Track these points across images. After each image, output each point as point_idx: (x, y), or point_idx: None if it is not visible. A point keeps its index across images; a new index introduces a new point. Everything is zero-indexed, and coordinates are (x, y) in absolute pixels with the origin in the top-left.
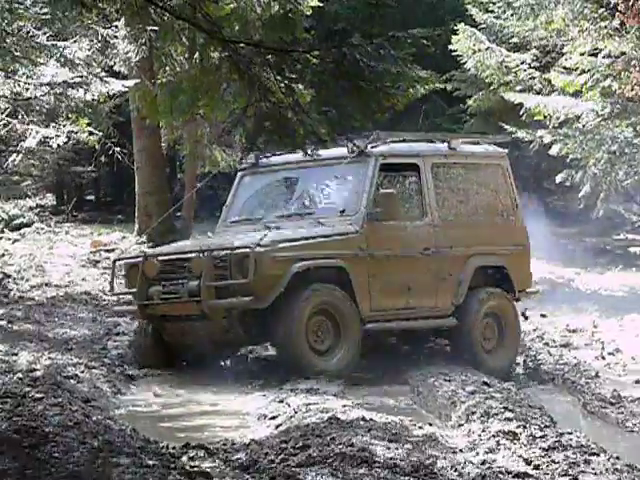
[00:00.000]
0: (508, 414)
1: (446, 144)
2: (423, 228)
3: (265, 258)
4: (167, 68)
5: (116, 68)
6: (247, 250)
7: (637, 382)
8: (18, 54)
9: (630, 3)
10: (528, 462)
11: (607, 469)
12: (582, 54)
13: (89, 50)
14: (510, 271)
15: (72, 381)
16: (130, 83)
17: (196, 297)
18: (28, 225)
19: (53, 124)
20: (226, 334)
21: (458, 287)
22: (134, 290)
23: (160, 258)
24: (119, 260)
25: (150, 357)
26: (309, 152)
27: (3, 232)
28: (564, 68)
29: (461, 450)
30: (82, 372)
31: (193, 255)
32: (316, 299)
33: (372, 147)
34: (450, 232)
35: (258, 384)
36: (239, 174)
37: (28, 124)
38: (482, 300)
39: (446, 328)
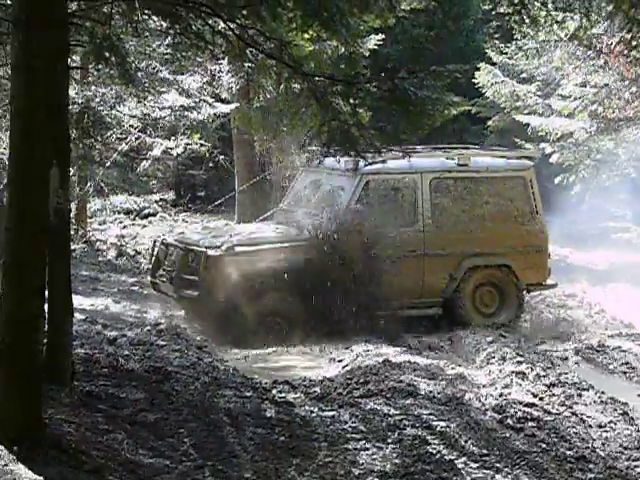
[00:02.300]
0: (519, 358)
1: (455, 161)
2: (412, 234)
3: (215, 261)
4: (260, 95)
5: (221, 95)
6: (202, 251)
7: (617, 335)
8: (147, 85)
9: (612, 47)
10: (534, 395)
11: (594, 401)
12: (575, 85)
13: (201, 82)
14: (516, 269)
15: (188, 332)
16: (231, 107)
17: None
18: (154, 214)
19: (173, 138)
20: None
21: (449, 282)
22: (149, 267)
23: (164, 244)
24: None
25: None
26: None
27: (135, 220)
28: (561, 96)
29: (484, 385)
30: (196, 325)
31: (179, 248)
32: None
33: (365, 165)
34: (444, 237)
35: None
36: (300, 170)
37: (154, 138)
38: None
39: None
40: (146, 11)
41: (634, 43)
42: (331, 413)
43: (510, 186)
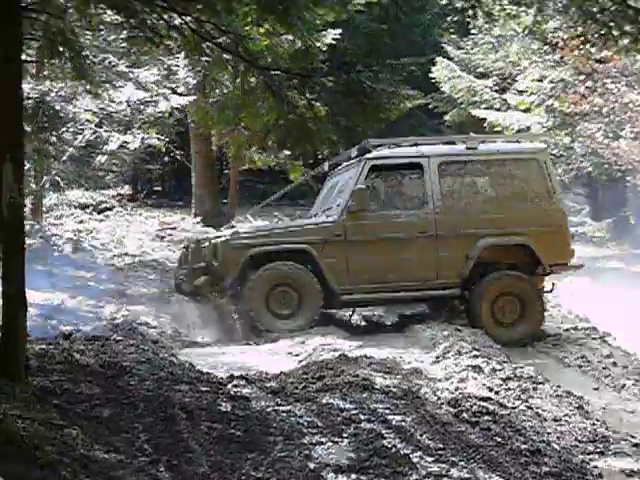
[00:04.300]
0: (475, 352)
1: (464, 145)
2: (422, 216)
3: (224, 248)
4: (216, 90)
5: (178, 90)
6: (207, 241)
7: (573, 329)
8: (103, 79)
9: (566, 41)
10: (490, 389)
11: (550, 394)
12: (532, 80)
13: (157, 76)
14: (536, 248)
15: (144, 327)
16: (189, 99)
17: None
18: (110, 209)
19: (130, 132)
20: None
21: (465, 263)
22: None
23: (185, 248)
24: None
25: None
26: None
27: (92, 214)
28: (517, 91)
29: (439, 380)
30: (152, 320)
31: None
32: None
33: (367, 152)
34: (456, 218)
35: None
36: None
37: (111, 132)
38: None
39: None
40: (100, 5)
41: (589, 37)
42: (287, 407)
43: (524, 167)
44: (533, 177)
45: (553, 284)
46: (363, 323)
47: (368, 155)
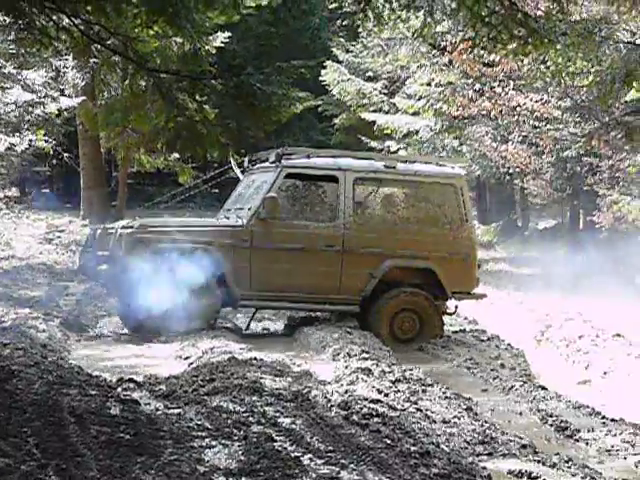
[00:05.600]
0: (365, 355)
1: (383, 163)
2: (330, 229)
3: (128, 239)
4: (105, 92)
5: (66, 91)
6: (112, 230)
7: (461, 331)
8: None
9: (455, 45)
10: (380, 391)
11: (439, 396)
12: (421, 84)
13: (45, 77)
14: (440, 274)
15: (33, 331)
16: (77, 101)
17: None
18: None
19: (17, 134)
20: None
21: (368, 281)
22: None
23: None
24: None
25: None
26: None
27: None
28: (406, 94)
29: (329, 382)
30: (40, 324)
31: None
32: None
33: (285, 159)
34: (366, 235)
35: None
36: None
37: None
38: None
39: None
40: None
41: (477, 41)
42: (176, 411)
43: (440, 192)
44: (448, 202)
45: (456, 307)
46: (253, 325)
47: (284, 162)
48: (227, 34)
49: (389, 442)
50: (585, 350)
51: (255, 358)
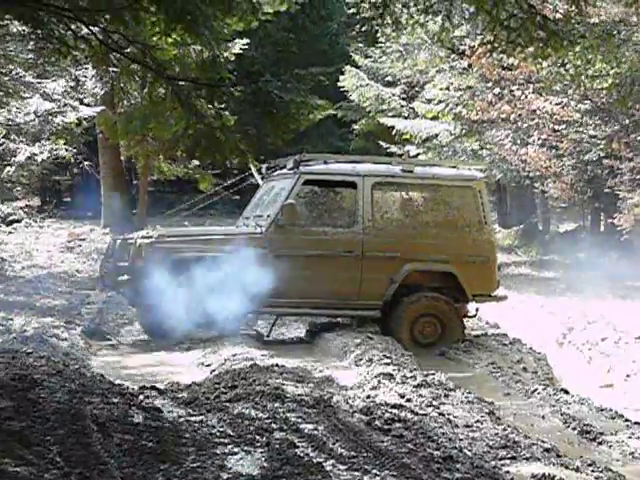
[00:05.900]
0: (386, 360)
1: (400, 167)
2: (349, 234)
3: (148, 250)
4: (124, 100)
5: (85, 100)
6: (132, 240)
7: (483, 335)
8: (11, 90)
9: (474, 49)
10: (402, 396)
11: (462, 401)
12: (440, 89)
13: (65, 86)
14: (461, 277)
15: (54, 339)
16: (96, 110)
17: None
18: (19, 221)
19: (38, 143)
20: None
21: (388, 285)
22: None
23: (114, 241)
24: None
25: None
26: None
27: (0, 226)
28: (425, 99)
29: (351, 388)
30: (62, 332)
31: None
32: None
33: (303, 166)
34: (385, 240)
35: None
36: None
37: (19, 144)
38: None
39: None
40: (6, 16)
41: (496, 44)
42: (199, 418)
43: (458, 195)
44: (466, 205)
45: (477, 309)
46: (275, 332)
47: (302, 168)
48: (245, 41)
49: (412, 447)
50: (607, 353)
51: (277, 364)
